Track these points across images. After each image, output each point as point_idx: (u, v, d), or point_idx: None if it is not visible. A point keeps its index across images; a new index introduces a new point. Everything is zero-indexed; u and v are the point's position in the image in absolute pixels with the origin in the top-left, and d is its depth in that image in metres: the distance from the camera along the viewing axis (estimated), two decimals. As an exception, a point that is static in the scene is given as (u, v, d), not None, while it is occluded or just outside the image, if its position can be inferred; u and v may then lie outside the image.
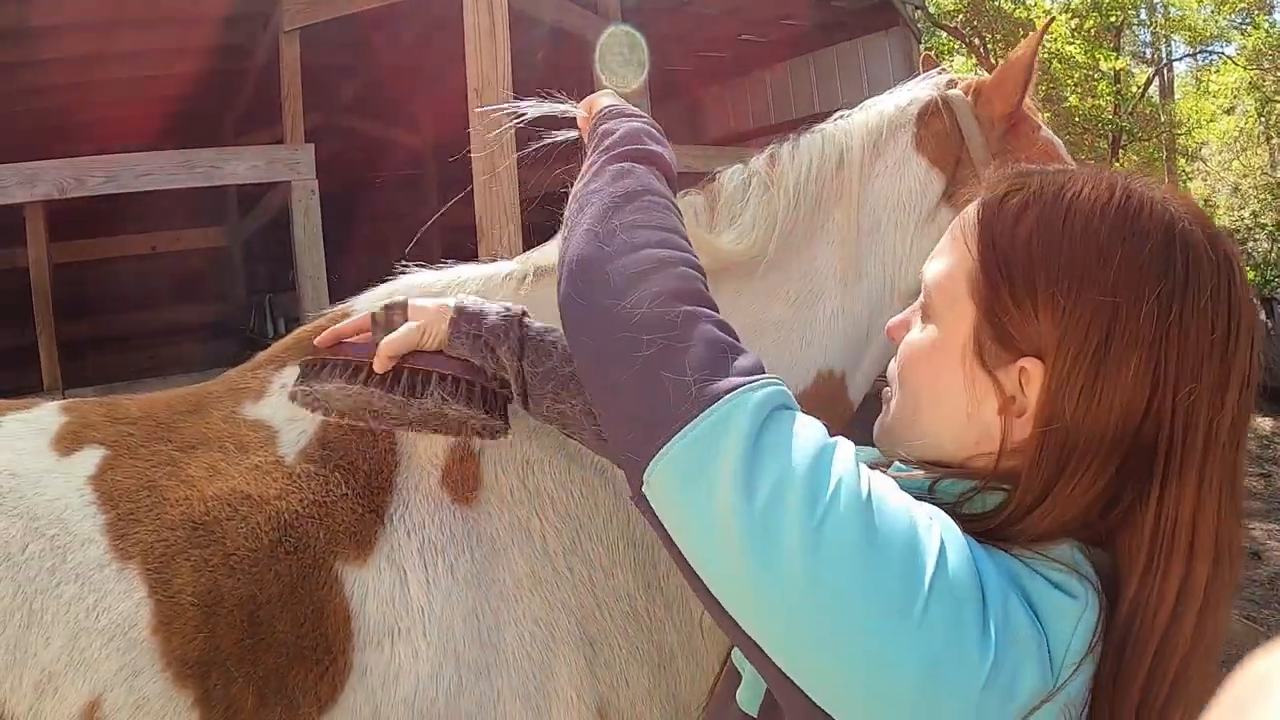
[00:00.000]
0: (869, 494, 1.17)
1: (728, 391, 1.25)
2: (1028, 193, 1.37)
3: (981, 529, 1.26)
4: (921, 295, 1.49)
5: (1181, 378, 1.20)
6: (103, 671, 1.92)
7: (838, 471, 1.18)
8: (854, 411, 2.65)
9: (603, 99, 2.24)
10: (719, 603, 1.19)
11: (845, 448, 1.25)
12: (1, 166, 6.88)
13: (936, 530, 1.17)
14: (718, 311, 1.43)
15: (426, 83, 12.76)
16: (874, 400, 2.60)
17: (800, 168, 2.57)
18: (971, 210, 1.44)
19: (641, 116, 2.05)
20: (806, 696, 1.12)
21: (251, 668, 1.97)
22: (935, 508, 1.24)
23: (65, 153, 7.27)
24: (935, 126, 2.60)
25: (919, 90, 2.70)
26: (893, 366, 1.54)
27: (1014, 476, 1.29)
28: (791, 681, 1.13)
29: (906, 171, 2.59)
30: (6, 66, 9.61)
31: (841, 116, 2.69)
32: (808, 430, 1.24)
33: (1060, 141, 2.71)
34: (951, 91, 2.65)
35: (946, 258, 1.44)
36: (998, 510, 1.28)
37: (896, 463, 1.49)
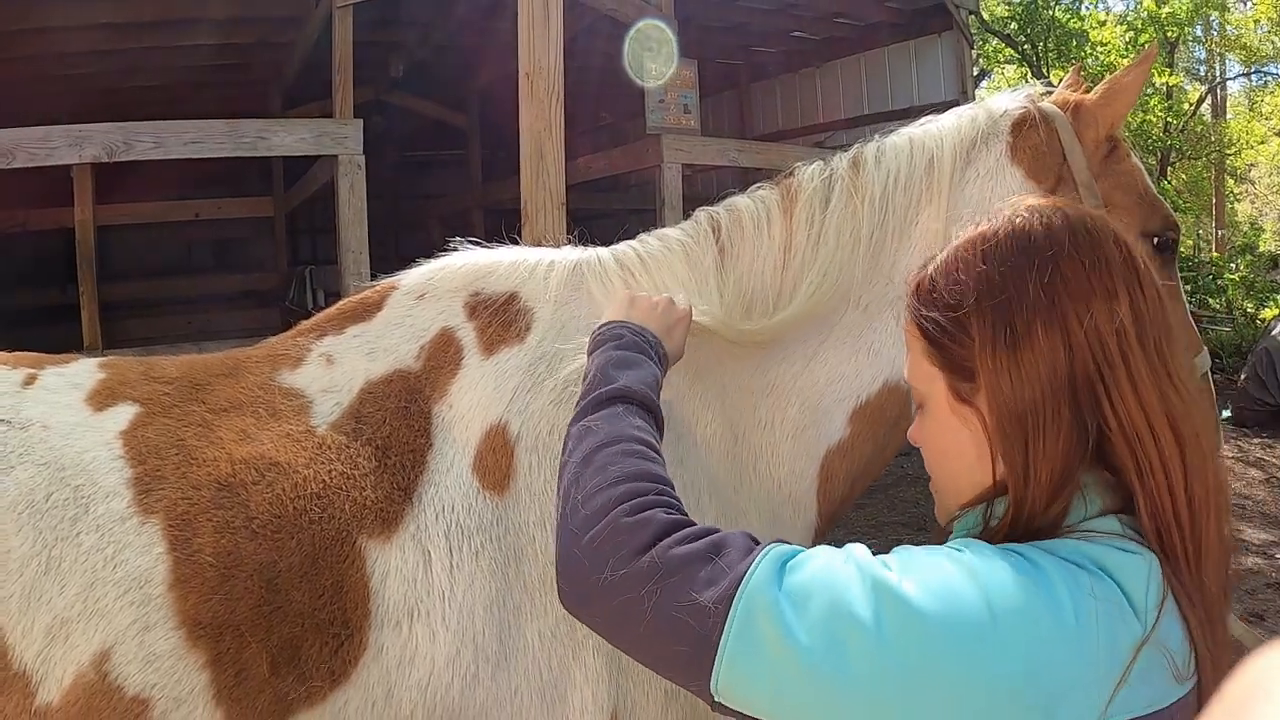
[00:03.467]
0: (898, 574, 1.37)
1: (735, 587, 1.38)
2: (933, 268, 1.69)
3: (1018, 530, 1.49)
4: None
5: (1079, 313, 1.48)
6: (115, 623, 1.92)
7: (862, 573, 1.37)
8: None
9: (604, 315, 2.23)
10: None
11: (858, 550, 1.45)
12: (51, 128, 6.94)
13: (966, 561, 1.38)
14: (676, 506, 1.60)
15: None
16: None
17: (887, 175, 2.49)
18: (906, 313, 1.72)
19: (619, 338, 2.06)
20: None
21: (266, 635, 1.97)
22: (966, 542, 1.47)
23: (113, 118, 7.31)
24: (1031, 139, 2.52)
25: (1010, 101, 2.61)
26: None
27: None
28: None
29: (1000, 182, 2.50)
30: (57, 31, 9.71)
31: (929, 120, 2.61)
32: (816, 560, 1.42)
33: (1143, 167, 2.63)
34: (1046, 105, 2.56)
35: (908, 355, 1.72)
36: (1010, 508, 1.51)
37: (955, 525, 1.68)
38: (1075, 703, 1.28)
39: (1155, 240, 2.52)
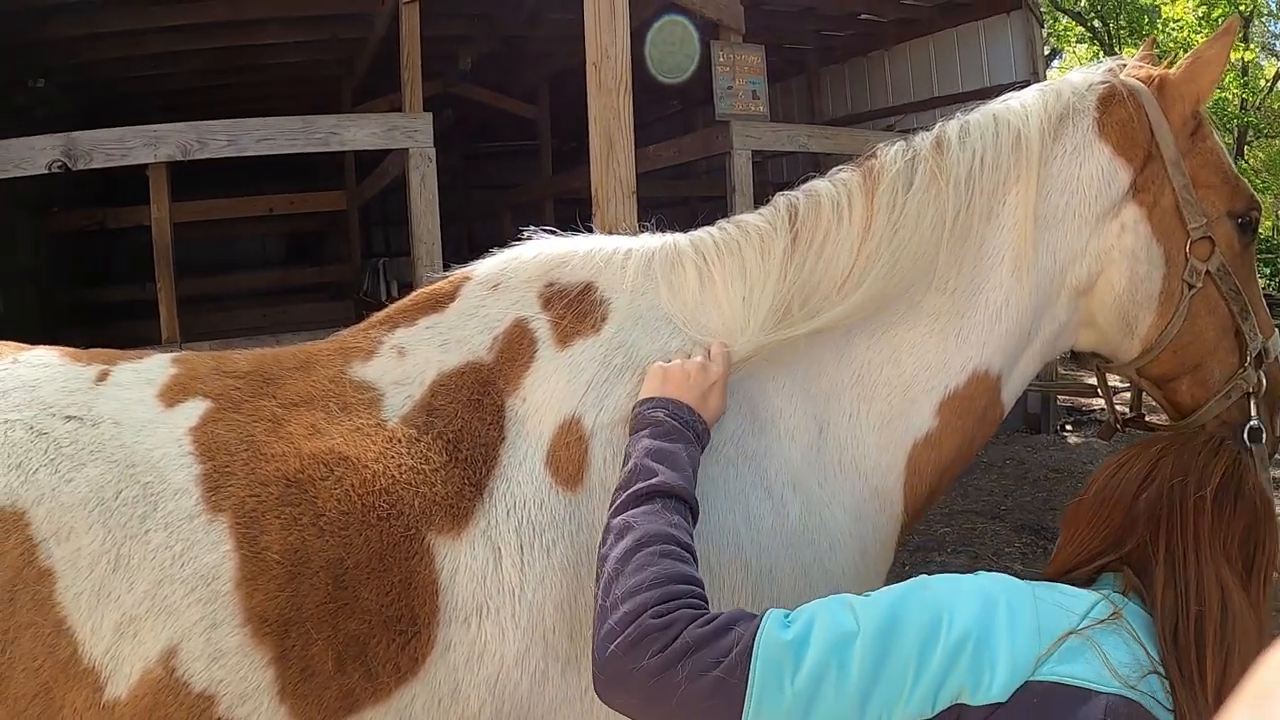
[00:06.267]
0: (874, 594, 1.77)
1: (752, 639, 1.68)
2: None
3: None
4: None
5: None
6: (183, 620, 1.92)
7: (846, 602, 1.76)
8: (1004, 417, 2.55)
9: (643, 388, 2.23)
10: None
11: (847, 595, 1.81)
12: (126, 128, 7.06)
13: (926, 585, 1.78)
14: (701, 604, 1.80)
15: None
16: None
17: (972, 155, 2.42)
18: None
19: (657, 423, 2.10)
20: None
21: (332, 631, 1.96)
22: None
23: (187, 117, 7.44)
24: (1119, 114, 2.45)
25: (1093, 75, 2.54)
26: None
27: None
28: None
29: (1088, 158, 2.44)
30: (129, 34, 9.87)
31: (1010, 96, 2.54)
32: (810, 606, 1.76)
33: (1223, 146, 2.55)
34: (1130, 80, 2.49)
35: None
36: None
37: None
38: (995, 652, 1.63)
39: (1239, 220, 2.46)
